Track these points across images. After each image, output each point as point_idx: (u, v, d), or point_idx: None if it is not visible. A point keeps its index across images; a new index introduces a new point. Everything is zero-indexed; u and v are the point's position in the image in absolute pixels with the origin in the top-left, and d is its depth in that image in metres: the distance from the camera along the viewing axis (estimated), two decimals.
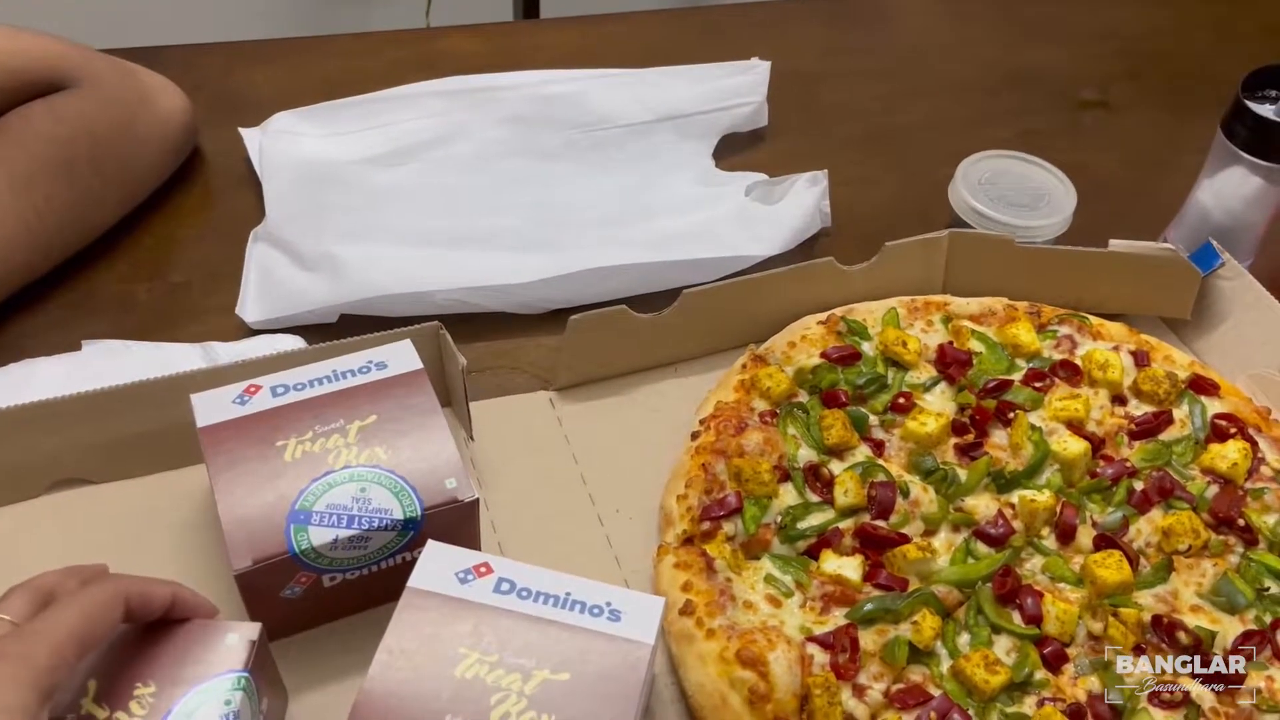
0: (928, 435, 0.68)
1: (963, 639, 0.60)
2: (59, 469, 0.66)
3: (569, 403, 0.74)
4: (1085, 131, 1.00)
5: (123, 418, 0.65)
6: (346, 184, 0.85)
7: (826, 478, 0.66)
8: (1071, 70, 1.06)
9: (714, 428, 0.68)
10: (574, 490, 0.69)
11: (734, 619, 0.60)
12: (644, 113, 0.91)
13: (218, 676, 0.51)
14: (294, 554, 0.55)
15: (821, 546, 0.63)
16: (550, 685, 0.50)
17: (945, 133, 0.98)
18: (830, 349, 0.73)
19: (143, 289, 0.80)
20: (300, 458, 0.58)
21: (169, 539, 0.64)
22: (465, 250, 0.80)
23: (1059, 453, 0.67)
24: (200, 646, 0.52)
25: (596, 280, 0.78)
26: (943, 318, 0.76)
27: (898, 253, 0.77)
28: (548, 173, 0.88)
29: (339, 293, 0.76)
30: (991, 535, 0.64)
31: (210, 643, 0.52)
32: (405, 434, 0.60)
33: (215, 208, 0.88)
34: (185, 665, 0.51)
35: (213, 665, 0.51)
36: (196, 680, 0.50)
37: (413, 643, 0.52)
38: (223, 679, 0.50)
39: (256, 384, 0.62)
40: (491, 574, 0.55)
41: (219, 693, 0.50)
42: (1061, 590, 0.62)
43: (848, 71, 1.05)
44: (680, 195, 0.86)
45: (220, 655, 0.51)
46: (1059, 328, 0.75)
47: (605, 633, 0.53)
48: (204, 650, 0.51)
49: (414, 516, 0.57)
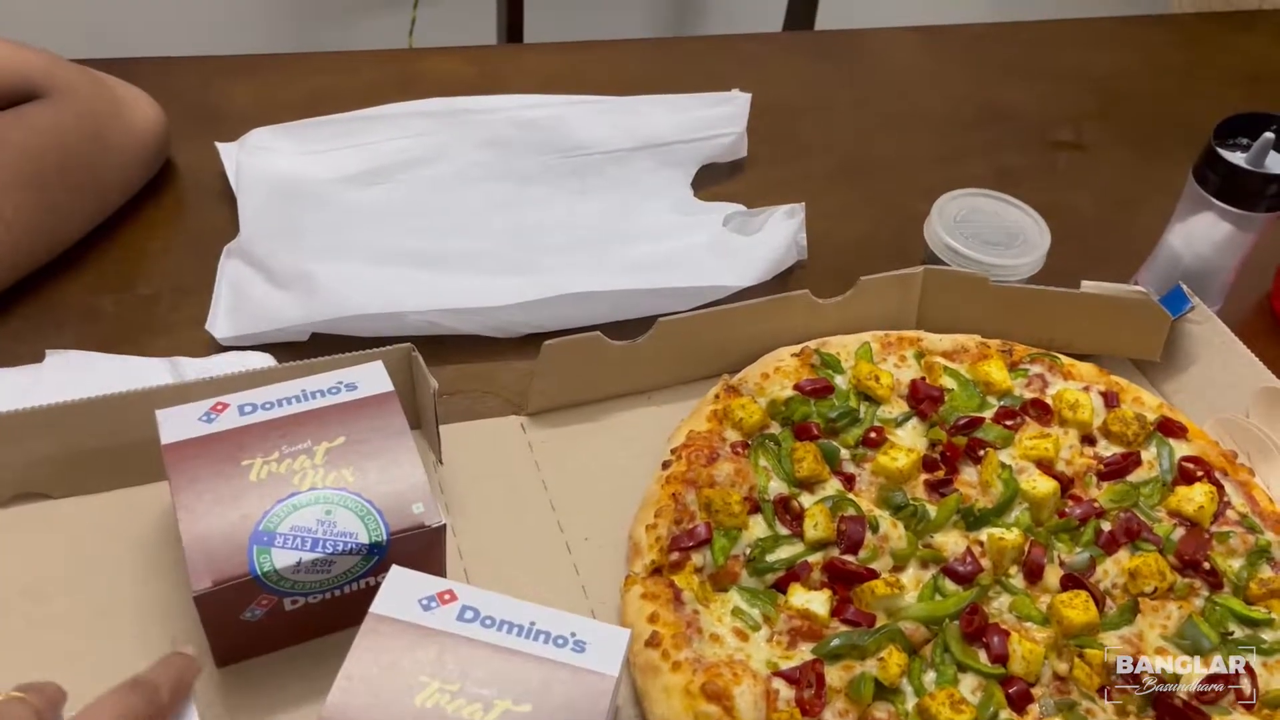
0: (898, 470, 0.68)
1: (929, 677, 0.60)
2: (17, 483, 0.65)
3: (540, 428, 0.73)
4: (1059, 171, 1.01)
5: (85, 432, 0.64)
6: (323, 202, 0.84)
7: (796, 510, 0.66)
8: (1045, 109, 1.08)
9: (685, 457, 0.68)
10: (543, 517, 0.68)
11: (700, 651, 0.59)
12: (624, 140, 0.92)
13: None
14: (256, 576, 0.54)
15: (790, 580, 0.63)
16: (512, 716, 0.50)
17: (921, 168, 0.99)
18: (804, 381, 0.73)
19: (110, 301, 0.79)
20: (265, 478, 0.58)
21: (128, 557, 0.63)
22: (440, 271, 0.79)
23: (1028, 491, 0.68)
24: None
25: (572, 305, 0.78)
26: (916, 353, 0.76)
27: (873, 287, 0.77)
28: (525, 196, 0.88)
29: (311, 311, 0.75)
30: (960, 573, 0.64)
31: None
32: (373, 456, 0.59)
33: (186, 221, 0.87)
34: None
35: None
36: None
37: (373, 669, 0.51)
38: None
39: (224, 401, 0.61)
40: (455, 601, 0.54)
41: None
42: (1028, 630, 0.62)
43: (826, 105, 1.06)
44: (657, 223, 0.86)
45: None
46: (1030, 366, 0.76)
47: (569, 664, 0.52)
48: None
49: (379, 541, 0.56)
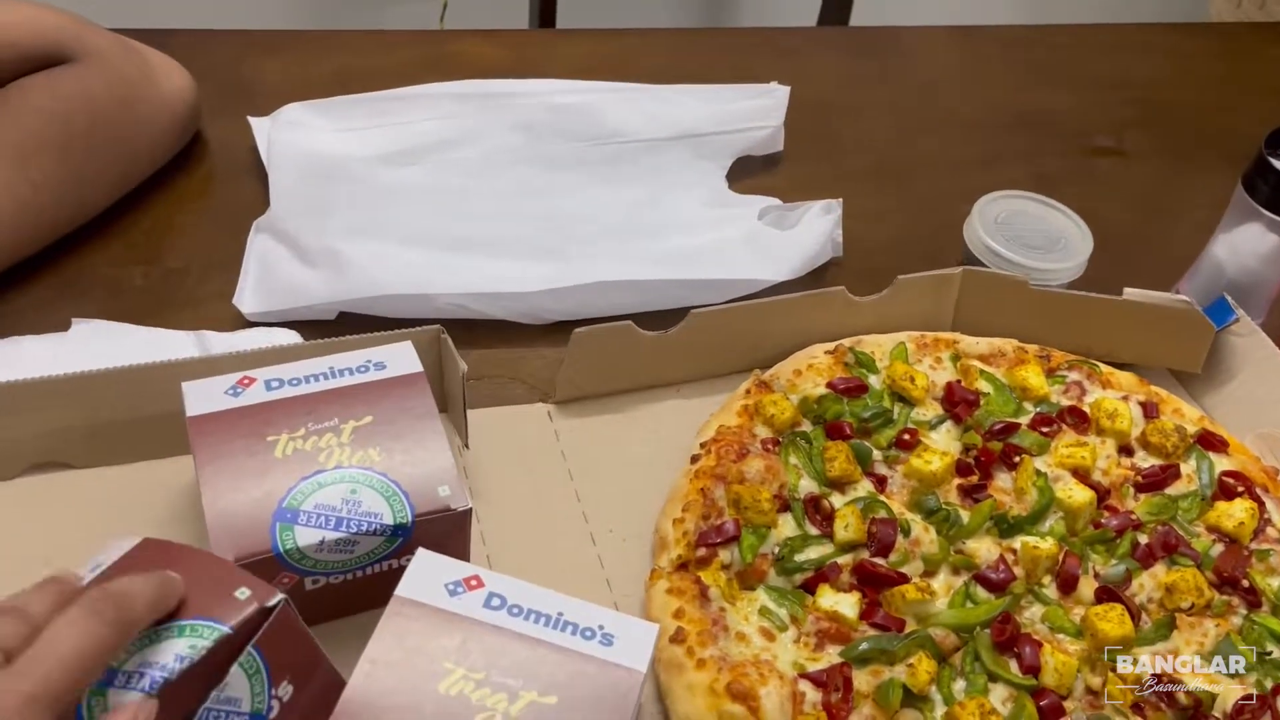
0: (932, 474, 0.67)
1: (958, 685, 0.59)
2: (39, 451, 0.64)
3: (567, 417, 0.72)
4: (1098, 178, 0.99)
5: (109, 402, 0.63)
6: (354, 180, 0.83)
7: (827, 510, 0.65)
8: (1084, 115, 1.06)
9: (715, 452, 0.67)
10: (568, 507, 0.67)
11: (726, 650, 0.58)
12: (658, 129, 0.90)
13: (200, 620, 0.46)
14: (278, 553, 0.53)
15: (819, 581, 0.62)
16: (537, 708, 0.48)
17: (958, 170, 0.98)
18: (837, 380, 0.71)
19: (137, 273, 0.78)
20: (291, 455, 0.57)
21: (150, 530, 0.61)
22: (470, 255, 0.78)
23: (1064, 500, 0.66)
24: (209, 582, 0.47)
25: (602, 294, 0.77)
26: (951, 355, 0.75)
27: (910, 286, 0.76)
28: (557, 183, 0.87)
29: (340, 290, 0.74)
30: (992, 580, 0.63)
31: (219, 585, 0.47)
32: (400, 437, 0.58)
33: (216, 195, 0.86)
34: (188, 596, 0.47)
35: (205, 607, 0.46)
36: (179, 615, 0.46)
37: (396, 654, 0.49)
38: (205, 624, 0.46)
39: (251, 376, 0.60)
40: (483, 588, 0.53)
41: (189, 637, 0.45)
42: (1060, 641, 0.61)
43: (864, 103, 1.04)
44: (691, 214, 0.85)
45: (219, 602, 0.47)
46: (1068, 373, 0.74)
47: (597, 657, 0.51)
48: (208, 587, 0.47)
49: (404, 523, 0.55)
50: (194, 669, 0.45)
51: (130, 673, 0.44)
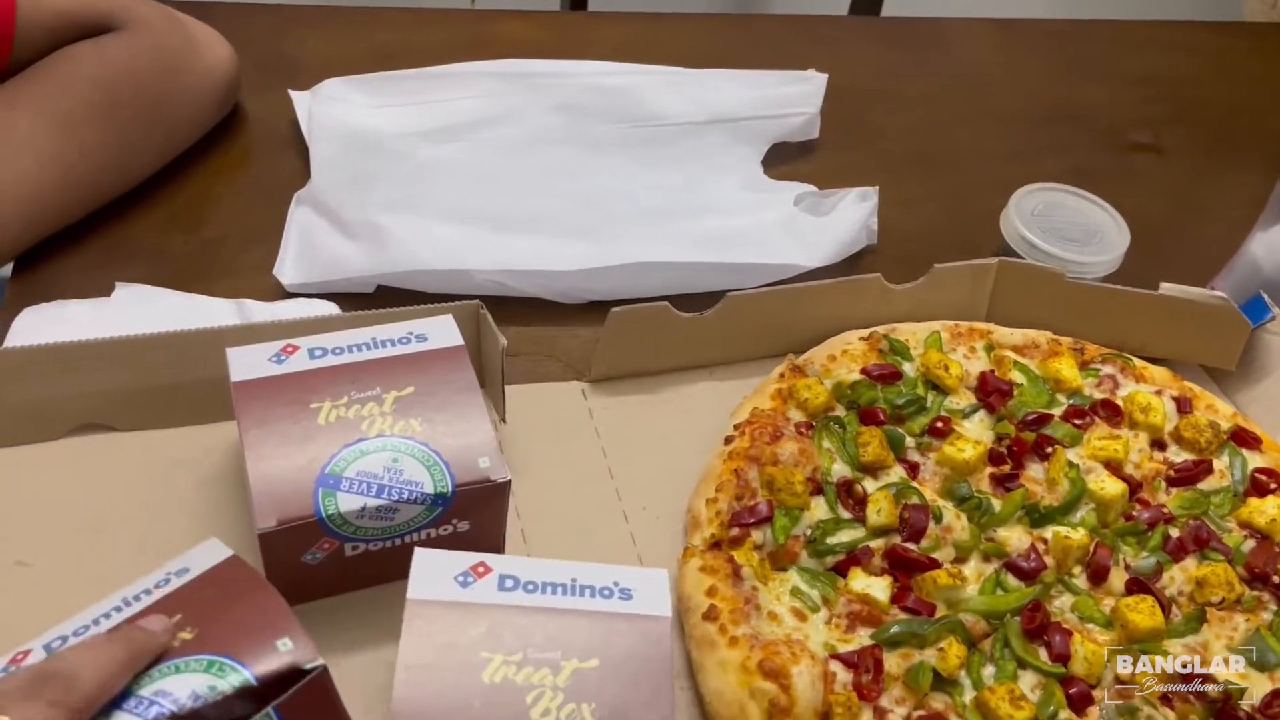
0: (965, 462, 0.67)
1: (987, 671, 0.59)
2: (82, 413, 0.65)
3: (601, 395, 0.73)
4: (1134, 174, 0.99)
5: (151, 366, 0.64)
6: (394, 156, 0.84)
7: (859, 495, 0.65)
8: (1120, 111, 1.06)
9: (749, 434, 0.67)
10: (601, 484, 0.68)
11: (757, 628, 0.58)
12: (697, 112, 0.91)
13: (229, 660, 0.44)
14: (320, 518, 0.54)
15: (850, 564, 0.62)
16: (582, 674, 0.49)
17: (993, 162, 0.98)
18: (871, 366, 0.72)
19: (178, 241, 0.79)
20: (334, 422, 0.57)
21: (189, 493, 0.63)
22: (508, 233, 0.79)
23: (1096, 492, 0.66)
24: (257, 620, 0.46)
25: (638, 275, 0.77)
26: (985, 346, 0.75)
27: (945, 276, 0.76)
28: (596, 164, 0.87)
29: (379, 263, 0.74)
30: (1023, 568, 0.63)
31: (265, 627, 0.45)
32: (441, 409, 0.59)
33: (255, 167, 0.87)
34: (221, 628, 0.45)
35: (239, 646, 0.45)
36: (213, 647, 0.44)
37: (429, 655, 0.50)
38: (232, 666, 0.44)
39: (294, 344, 0.61)
40: (491, 572, 0.53)
41: (212, 675, 0.43)
42: (1090, 631, 0.61)
43: (899, 93, 1.04)
44: (728, 198, 0.85)
45: (255, 645, 0.44)
46: (1102, 367, 0.74)
47: (623, 613, 0.52)
48: (253, 626, 0.45)
49: (445, 492, 0.56)
50: (205, 710, 0.43)
51: (143, 698, 0.43)
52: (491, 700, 0.48)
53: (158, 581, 0.49)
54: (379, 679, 0.55)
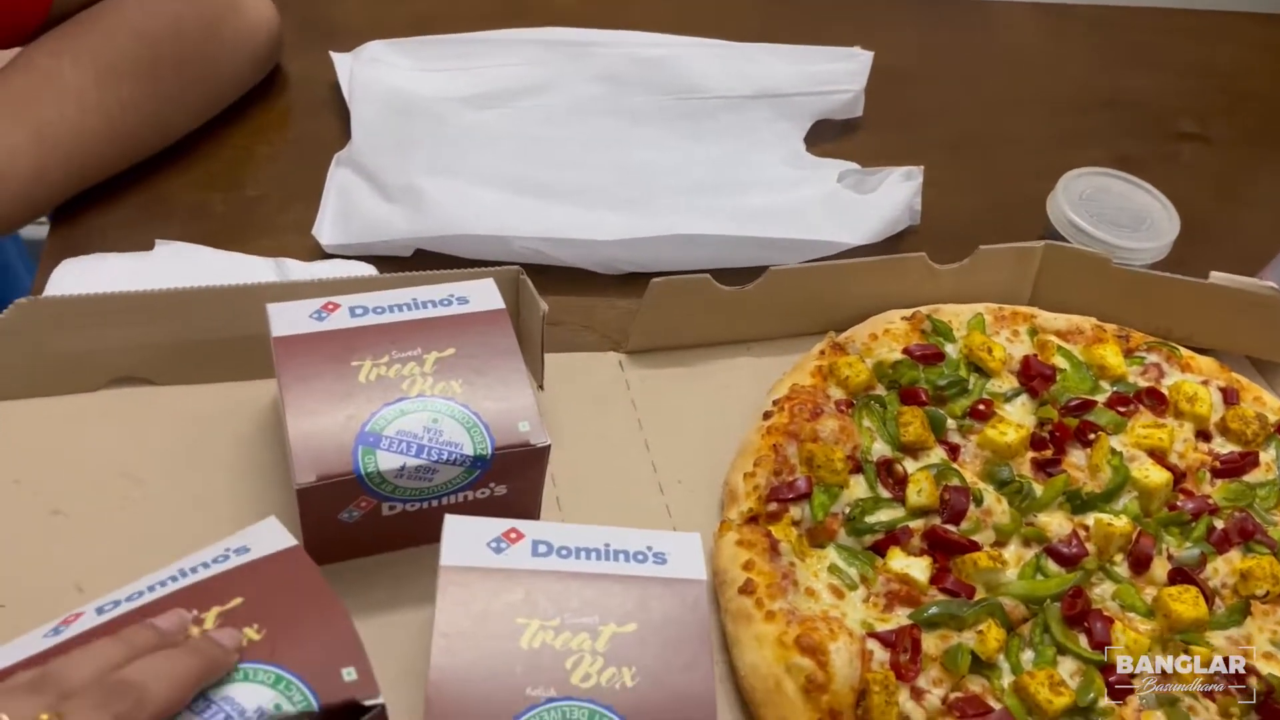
0: (1006, 445, 0.66)
1: (1026, 655, 0.58)
2: (120, 366, 0.64)
3: (638, 367, 0.72)
4: (1181, 163, 0.97)
5: (191, 321, 0.64)
6: (435, 120, 0.83)
7: (900, 475, 0.64)
8: (1168, 100, 1.04)
9: (789, 409, 0.66)
10: (637, 455, 0.67)
11: (794, 604, 0.58)
12: (741, 86, 0.89)
13: (298, 680, 0.44)
14: (359, 475, 0.53)
15: (889, 544, 0.62)
16: (620, 639, 0.49)
17: (1037, 148, 0.96)
18: (913, 346, 0.71)
19: (218, 199, 0.79)
20: (375, 380, 0.57)
21: (227, 450, 0.63)
22: (549, 201, 0.78)
23: (1139, 480, 0.65)
24: (327, 639, 0.45)
25: (678, 247, 0.76)
26: (1029, 330, 0.74)
27: (990, 257, 0.75)
28: (637, 135, 0.86)
29: (419, 226, 0.74)
30: (1064, 554, 0.62)
31: (334, 649, 0.45)
32: (482, 372, 0.58)
33: (295, 128, 0.87)
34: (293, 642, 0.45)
35: (310, 667, 0.44)
36: (283, 661, 0.44)
37: (465, 623, 0.49)
38: (299, 688, 0.44)
39: (335, 302, 0.60)
40: (524, 538, 0.53)
41: (279, 692, 0.43)
42: (1131, 620, 0.60)
43: (944, 75, 1.03)
44: (770, 174, 0.84)
45: (324, 671, 0.44)
46: (1147, 355, 0.73)
47: (658, 576, 0.52)
48: (323, 645, 0.45)
49: (484, 454, 0.55)
50: None
51: (212, 701, 0.43)
52: (533, 665, 0.48)
53: (216, 556, 0.49)
54: (414, 641, 0.54)
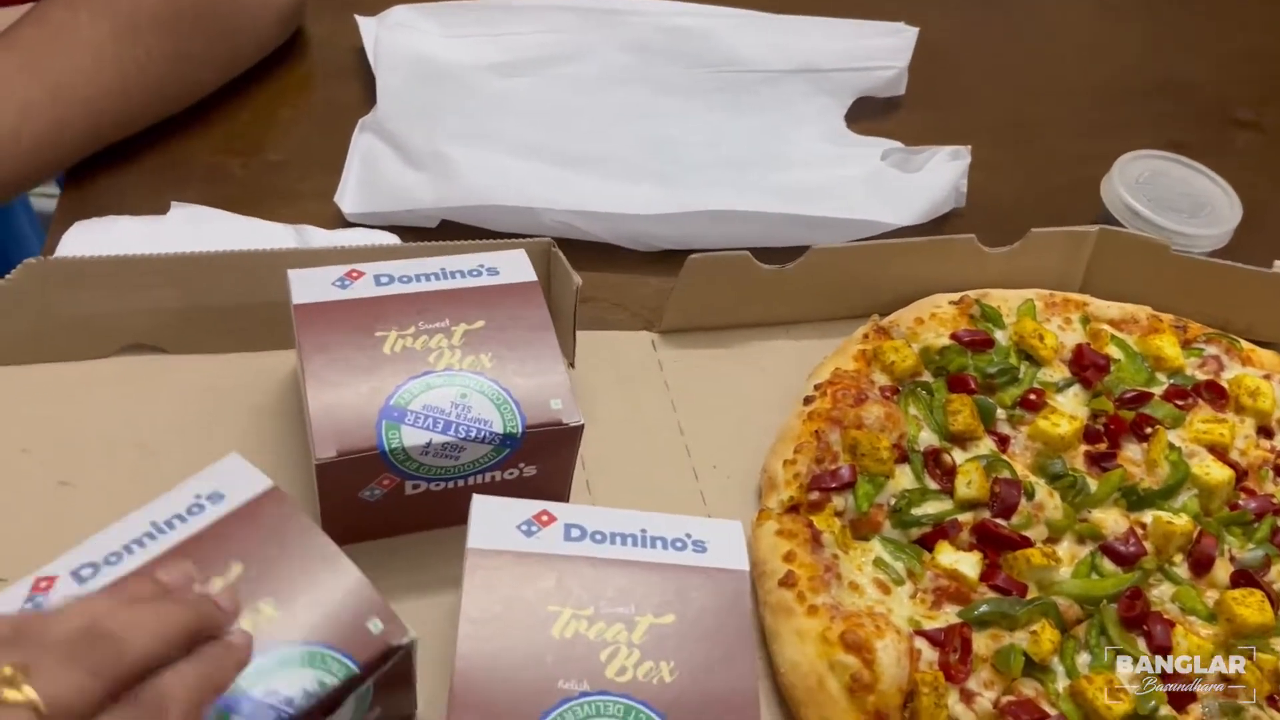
0: (1059, 437, 0.63)
1: (1082, 658, 0.55)
2: (132, 332, 0.62)
3: (671, 347, 0.69)
4: (1236, 151, 0.93)
5: (206, 287, 0.61)
6: (462, 86, 0.80)
7: (948, 465, 0.61)
8: (1223, 87, 1.00)
9: (831, 395, 0.63)
10: (670, 439, 0.64)
11: (838, 599, 0.55)
12: (778, 60, 0.86)
13: (329, 650, 0.43)
14: (383, 452, 0.51)
15: (937, 537, 0.58)
16: (658, 630, 0.46)
17: (1087, 132, 0.93)
18: (961, 331, 0.67)
19: (237, 163, 0.76)
20: (400, 352, 0.54)
21: (240, 422, 0.60)
22: (579, 173, 0.75)
23: (1200, 477, 0.62)
24: (343, 599, 0.44)
25: (713, 224, 0.73)
26: (1081, 318, 0.70)
27: (1042, 241, 0.71)
28: (670, 107, 0.83)
29: (445, 196, 0.71)
30: (1121, 553, 0.59)
31: (353, 607, 0.44)
32: (513, 346, 0.55)
33: (317, 93, 0.84)
34: (311, 615, 0.43)
35: (337, 634, 0.43)
36: (309, 637, 0.43)
37: (495, 608, 0.46)
38: (334, 657, 0.43)
39: (359, 269, 0.57)
40: (556, 521, 0.50)
41: (317, 669, 0.42)
42: (1192, 624, 0.57)
43: (990, 55, 0.99)
44: (810, 150, 0.81)
45: (352, 632, 0.43)
46: (1206, 346, 0.70)
47: (698, 566, 0.49)
48: (341, 607, 0.44)
49: (514, 433, 0.52)
50: (317, 704, 0.42)
51: (253, 699, 0.41)
52: (564, 656, 0.45)
53: (190, 506, 0.46)
54: (435, 628, 0.51)
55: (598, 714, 0.43)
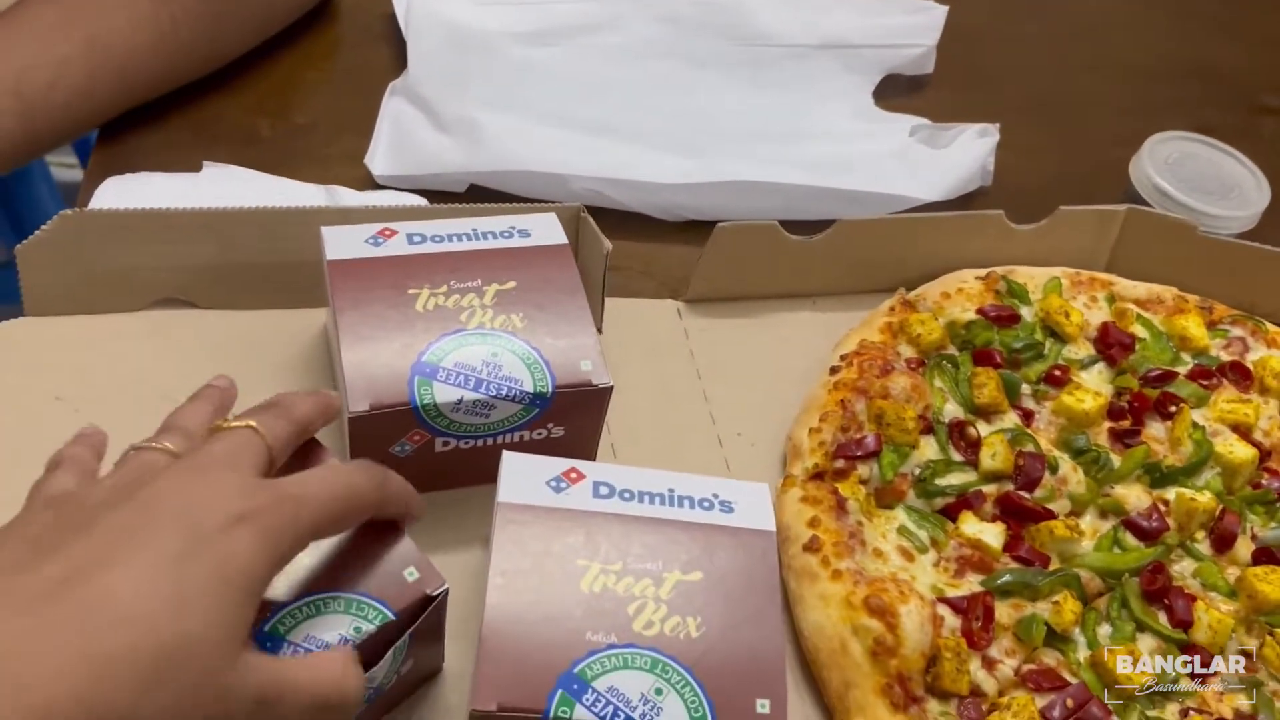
0: (1084, 413, 0.63)
1: (1103, 630, 0.55)
2: (164, 286, 0.62)
3: (697, 316, 0.69)
4: (1264, 138, 0.93)
5: (239, 242, 0.61)
6: (493, 54, 0.80)
7: (973, 438, 0.61)
8: (1253, 72, 1.00)
9: (857, 365, 0.63)
10: (695, 406, 0.65)
11: (862, 565, 0.55)
12: (807, 35, 0.86)
13: (366, 598, 0.43)
14: (415, 407, 0.51)
15: (960, 508, 0.59)
16: (685, 587, 0.46)
17: (1115, 114, 0.92)
18: (988, 306, 0.67)
19: (266, 124, 0.76)
20: (432, 310, 0.54)
21: (269, 377, 0.60)
22: (609, 141, 0.75)
23: (1223, 455, 0.62)
24: (378, 549, 0.45)
25: (742, 195, 0.73)
26: (1107, 296, 0.70)
27: (1070, 219, 0.71)
28: (698, 80, 0.83)
29: (475, 160, 0.71)
30: (1143, 528, 0.59)
31: (388, 557, 0.45)
32: (544, 307, 0.56)
33: (346, 58, 0.84)
34: (349, 566, 0.44)
35: (373, 583, 0.44)
36: (347, 586, 0.43)
37: (525, 561, 0.47)
38: (371, 604, 0.43)
39: (391, 228, 0.58)
40: (585, 479, 0.50)
41: (354, 615, 0.43)
42: (1213, 599, 0.57)
43: (1019, 35, 0.99)
44: (838, 125, 0.81)
45: (388, 580, 0.44)
46: (1231, 328, 0.70)
47: (725, 525, 0.49)
48: (377, 556, 0.44)
49: (544, 392, 0.53)
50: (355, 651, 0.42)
51: (295, 644, 0.41)
52: (593, 609, 0.45)
53: None
54: (462, 583, 0.52)
55: (625, 665, 0.44)
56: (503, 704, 0.42)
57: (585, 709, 0.43)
